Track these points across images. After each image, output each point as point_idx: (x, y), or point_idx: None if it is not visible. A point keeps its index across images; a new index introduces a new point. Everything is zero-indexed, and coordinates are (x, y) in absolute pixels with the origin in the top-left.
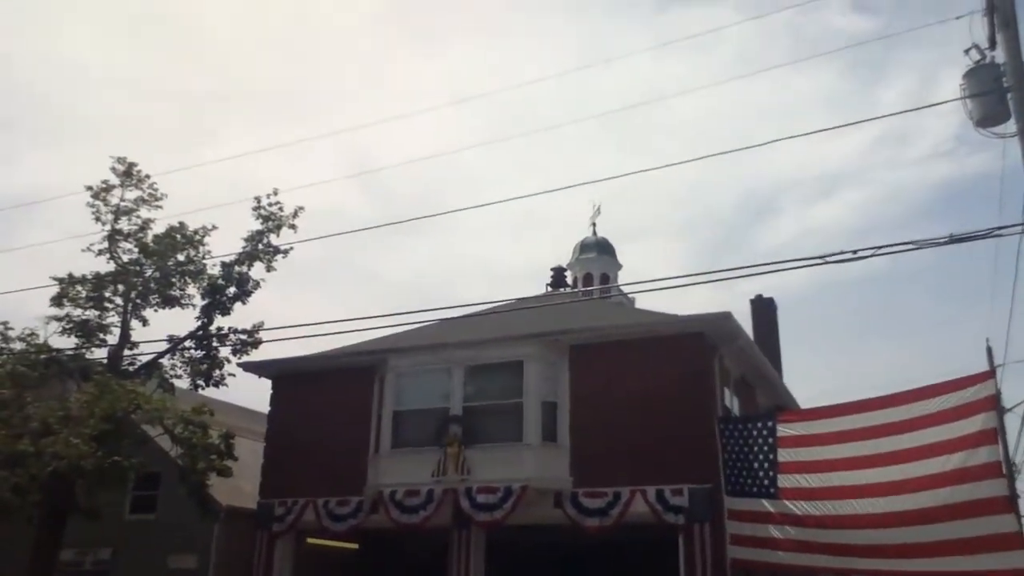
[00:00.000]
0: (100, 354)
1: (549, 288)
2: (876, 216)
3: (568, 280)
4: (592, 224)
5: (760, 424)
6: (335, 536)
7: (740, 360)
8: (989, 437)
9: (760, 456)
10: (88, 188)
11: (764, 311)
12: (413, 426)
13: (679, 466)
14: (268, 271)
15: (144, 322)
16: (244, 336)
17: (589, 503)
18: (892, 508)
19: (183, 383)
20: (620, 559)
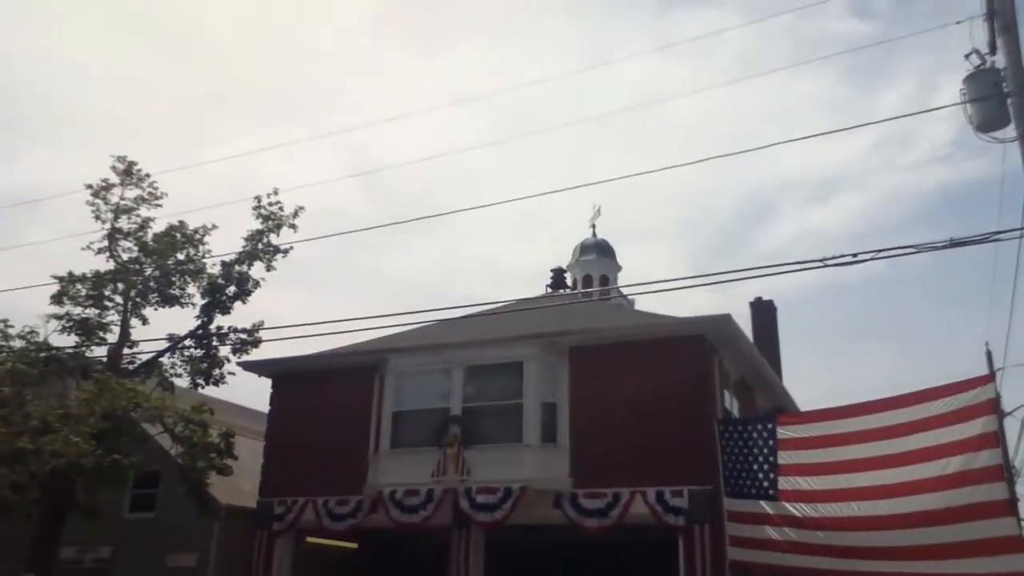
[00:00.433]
0: (100, 352)
1: (549, 289)
2: (876, 219)
3: (568, 281)
4: (592, 226)
5: (760, 426)
6: (334, 535)
7: (740, 362)
8: (990, 441)
9: (760, 458)
10: (88, 187)
11: (764, 313)
12: (413, 426)
13: (679, 468)
14: (268, 270)
15: (144, 321)
16: (244, 335)
17: (589, 504)
18: (893, 511)
19: (183, 382)
20: (620, 560)
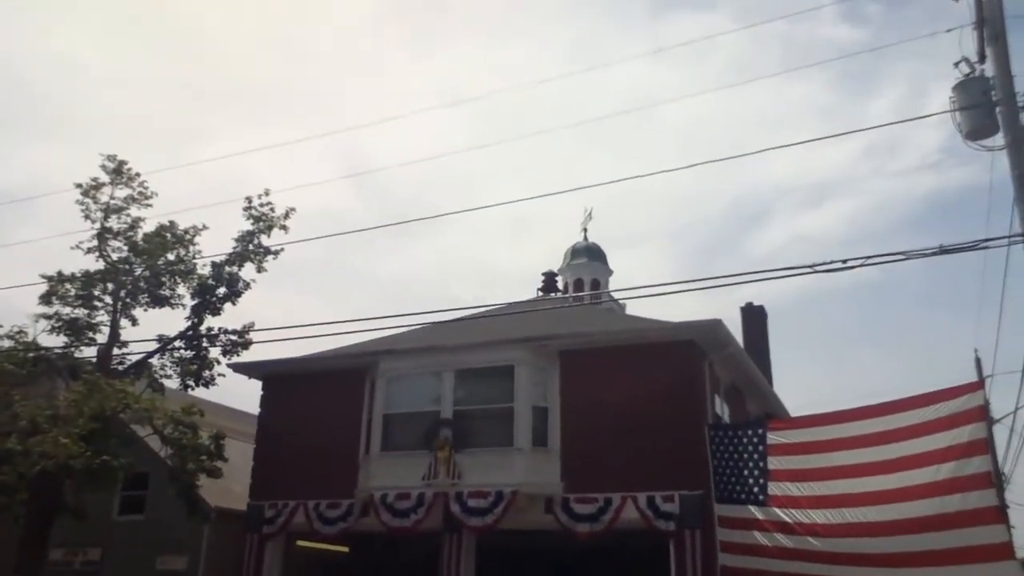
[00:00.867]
0: (89, 353)
1: (540, 293)
2: (866, 225)
3: (559, 285)
4: (584, 229)
5: (750, 432)
6: (325, 539)
7: (730, 367)
8: (979, 447)
9: (750, 464)
10: (78, 185)
11: (754, 319)
12: (404, 429)
13: (670, 473)
14: (259, 272)
15: (134, 321)
16: (234, 337)
17: (580, 509)
18: (882, 517)
19: (173, 383)
20: (611, 565)
